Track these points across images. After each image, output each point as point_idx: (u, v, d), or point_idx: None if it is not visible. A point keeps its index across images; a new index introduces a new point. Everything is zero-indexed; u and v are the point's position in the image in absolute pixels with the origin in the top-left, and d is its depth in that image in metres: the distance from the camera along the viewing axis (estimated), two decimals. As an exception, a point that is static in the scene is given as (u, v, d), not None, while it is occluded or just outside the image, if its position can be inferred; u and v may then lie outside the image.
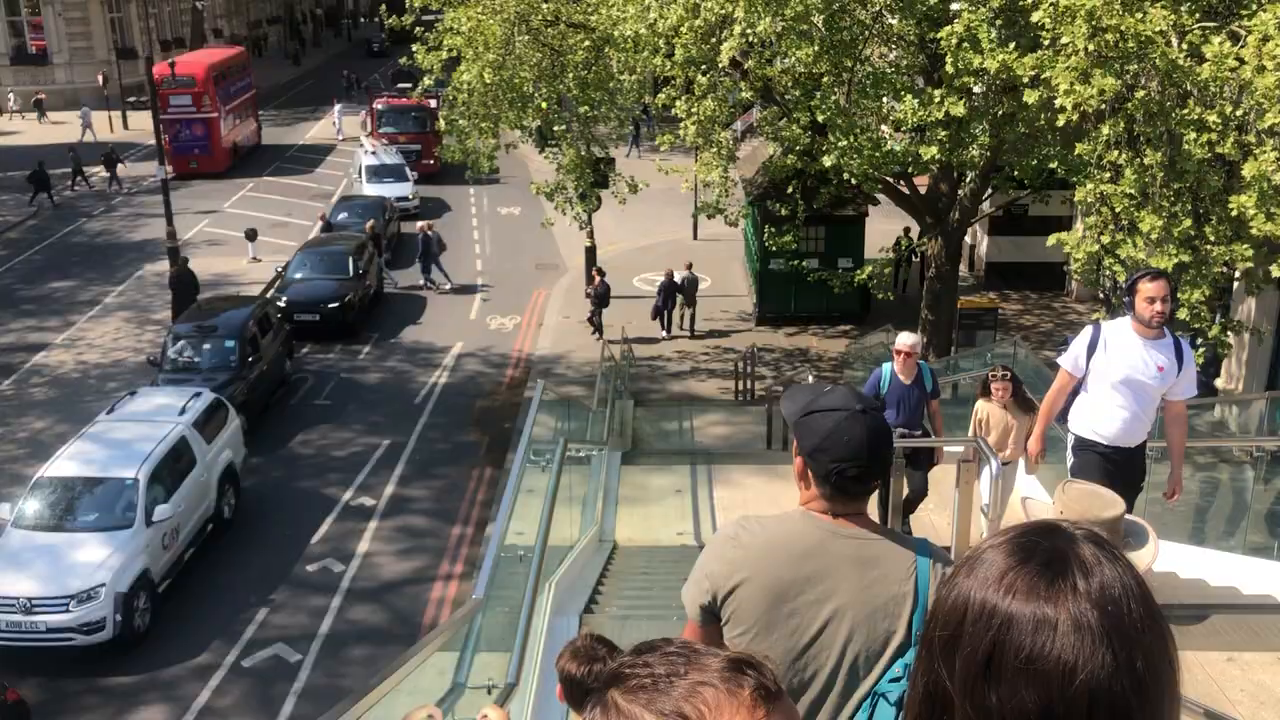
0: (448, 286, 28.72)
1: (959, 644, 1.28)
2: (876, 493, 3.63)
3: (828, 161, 15.58)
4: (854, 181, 18.91)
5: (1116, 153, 12.63)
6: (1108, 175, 12.84)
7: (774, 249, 20.22)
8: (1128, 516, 3.77)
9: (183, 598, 15.21)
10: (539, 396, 6.15)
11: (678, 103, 17.02)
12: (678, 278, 25.45)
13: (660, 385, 22.95)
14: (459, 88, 19.74)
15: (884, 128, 17.43)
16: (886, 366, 10.08)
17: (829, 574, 2.77)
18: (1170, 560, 8.95)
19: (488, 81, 19.16)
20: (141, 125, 43.49)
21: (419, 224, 29.68)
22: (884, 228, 27.65)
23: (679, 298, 25.55)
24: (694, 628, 2.92)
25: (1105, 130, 12.44)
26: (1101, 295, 28.00)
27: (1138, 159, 12.43)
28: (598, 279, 25.47)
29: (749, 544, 2.87)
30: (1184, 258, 11.88)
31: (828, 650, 2.78)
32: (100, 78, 51.43)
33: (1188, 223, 12.02)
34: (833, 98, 15.85)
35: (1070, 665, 1.20)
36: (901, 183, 19.37)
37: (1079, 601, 1.22)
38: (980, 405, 10.10)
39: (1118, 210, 12.62)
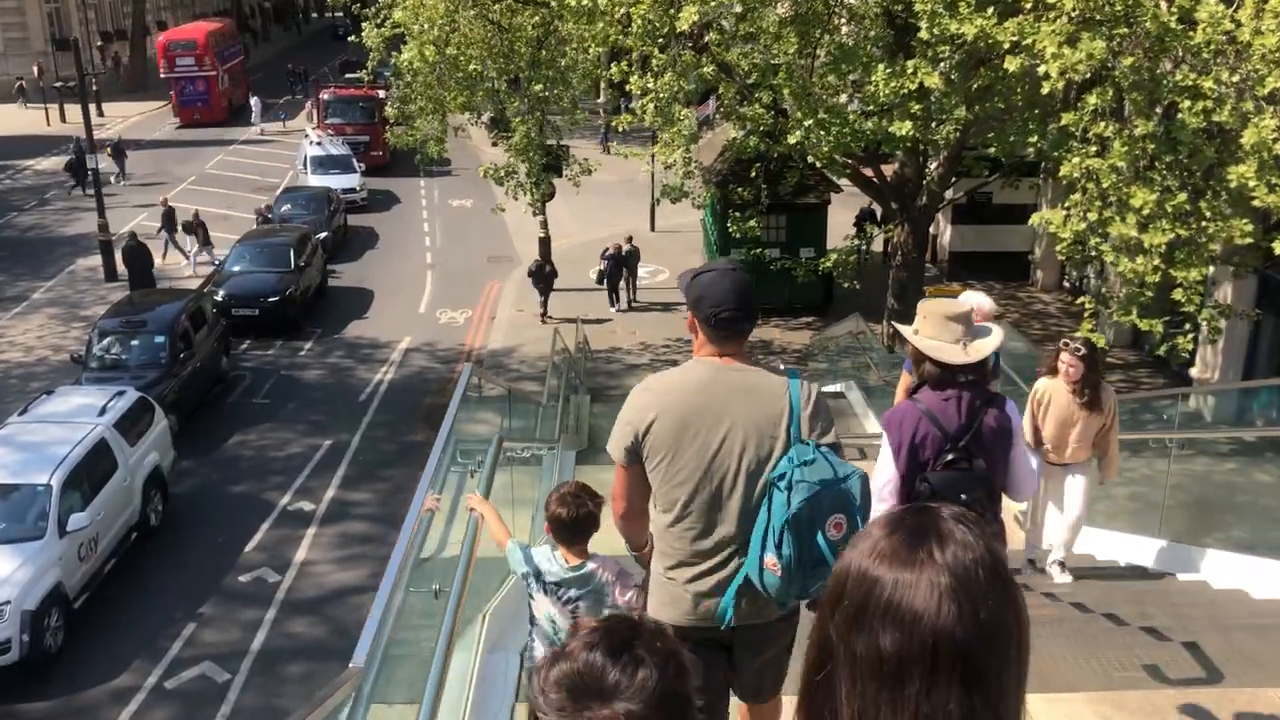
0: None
1: (841, 601, 1.53)
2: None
3: (793, 139, 14.67)
4: (819, 164, 18.07)
5: (1104, 124, 11.80)
6: (1094, 149, 12.02)
7: (737, 235, 19.30)
8: (978, 323, 4.37)
9: (102, 614, 14.02)
10: (465, 382, 4.99)
11: (633, 79, 16.04)
12: (623, 250, 25.77)
13: (619, 380, 21.95)
14: (401, 68, 18.65)
15: (851, 106, 16.51)
16: None
17: (721, 401, 3.48)
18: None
19: (430, 60, 18.07)
20: (77, 118, 41.84)
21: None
22: (846, 218, 26.84)
23: (624, 270, 25.84)
24: (621, 471, 3.64)
25: (1092, 100, 11.62)
26: (1067, 285, 27.38)
27: (1126, 130, 11.61)
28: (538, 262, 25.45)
29: (657, 389, 3.61)
30: (1181, 232, 11.06)
31: (728, 459, 3.49)
32: (36, 69, 49.63)
33: (1182, 197, 11.22)
34: (797, 73, 14.93)
35: (918, 614, 1.44)
36: (867, 169, 18.55)
37: (933, 565, 1.46)
38: (1043, 384, 7.88)
39: (1105, 186, 11.78)
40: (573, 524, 4.37)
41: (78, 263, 28.49)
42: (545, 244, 26.04)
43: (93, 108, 46.78)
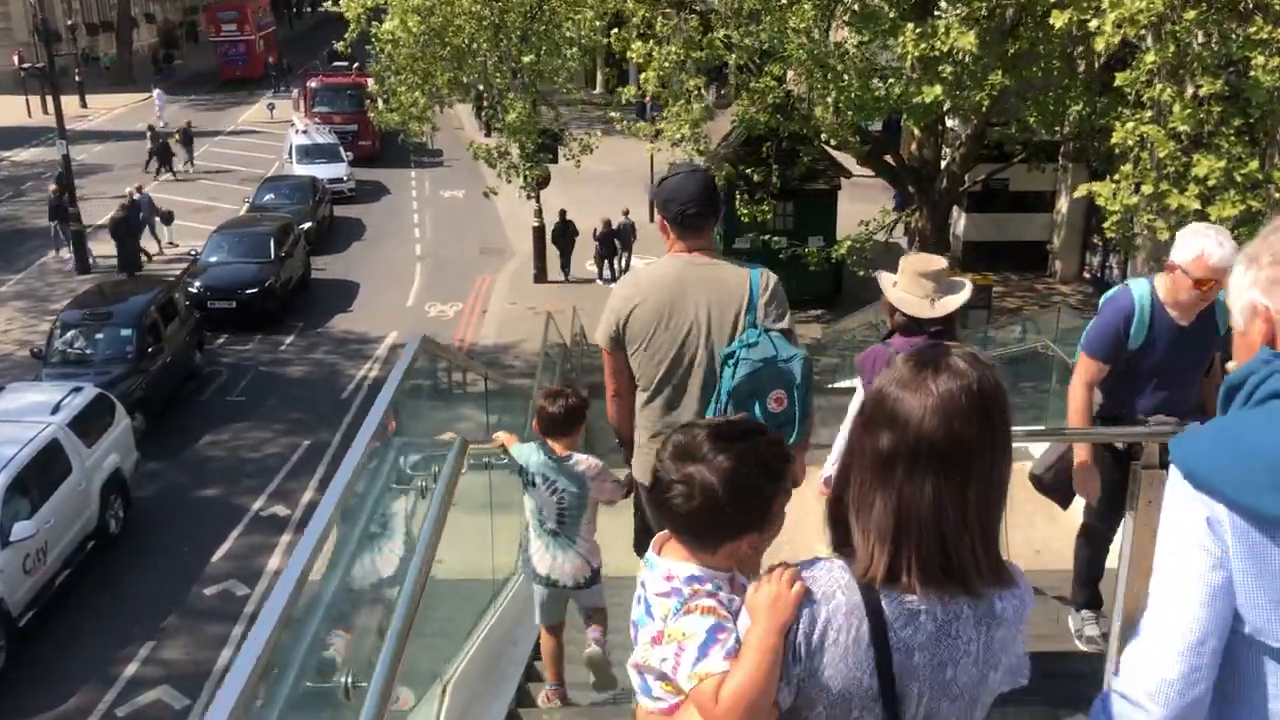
0: (154, 253, 26.77)
1: (863, 412, 1.96)
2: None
3: (819, 112, 13.44)
4: (833, 143, 16.88)
5: (1160, 87, 10.55)
6: (1148, 114, 10.78)
7: (747, 219, 18.00)
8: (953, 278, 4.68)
9: (51, 631, 12.73)
10: (410, 357, 3.63)
11: (634, 46, 14.80)
12: (615, 224, 25.53)
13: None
14: (383, 38, 17.36)
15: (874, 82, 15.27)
16: (1141, 288, 4.75)
17: (692, 291, 3.95)
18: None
19: (414, 31, 16.80)
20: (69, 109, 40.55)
21: (128, 187, 27.42)
22: (856, 207, 25.55)
23: (617, 244, 25.50)
24: (607, 356, 4.16)
25: (1149, 58, 10.36)
26: (1088, 275, 26.12)
27: (1186, 91, 10.36)
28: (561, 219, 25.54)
29: (636, 282, 4.11)
30: (1254, 203, 9.80)
31: (695, 342, 4.00)
32: (16, 58, 48.22)
33: (1254, 165, 9.97)
34: (815, 34, 13.68)
35: (906, 421, 1.85)
36: (888, 157, 17.33)
37: (926, 388, 1.86)
38: None
39: (1162, 155, 10.53)
40: (556, 419, 4.66)
41: (49, 255, 27.17)
42: (539, 233, 24.83)
43: (75, 99, 46.30)
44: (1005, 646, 1.93)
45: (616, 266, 25.54)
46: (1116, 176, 11.13)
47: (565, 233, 25.90)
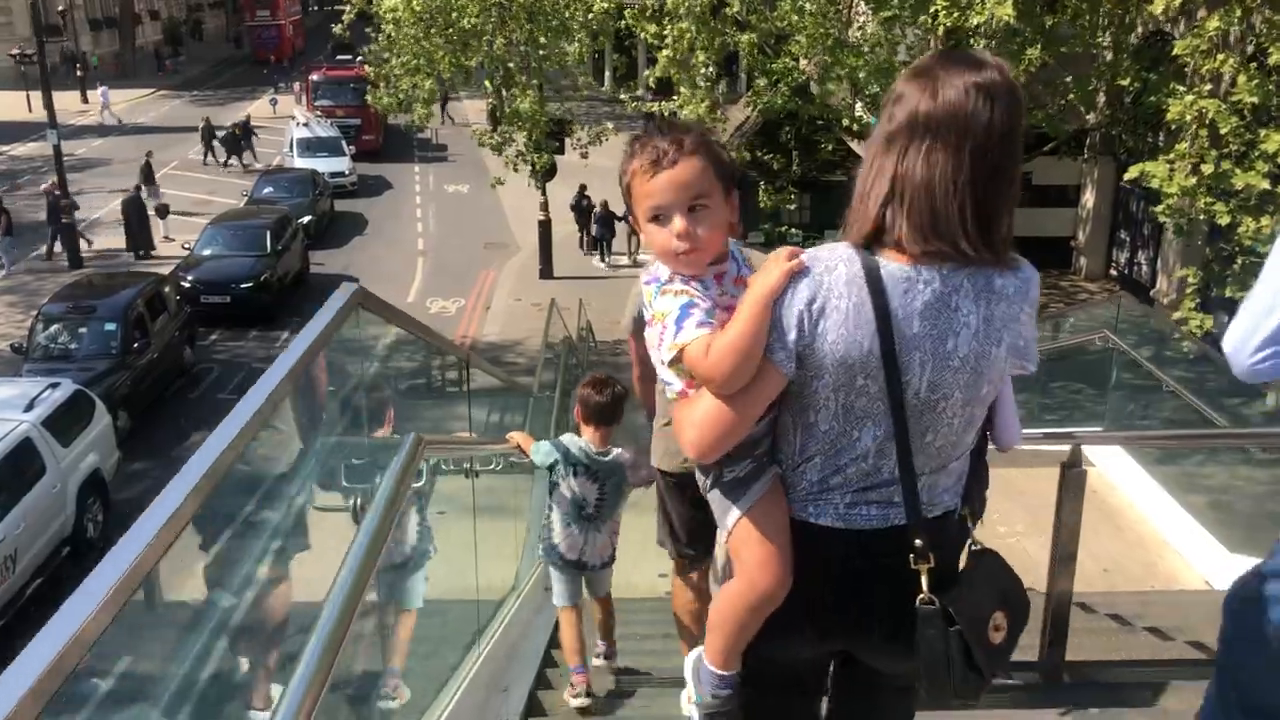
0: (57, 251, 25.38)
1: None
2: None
3: (831, 86, 12.58)
4: (855, 128, 16.02)
5: (1222, 57, 9.67)
6: (1207, 88, 9.90)
7: (770, 208, 17.10)
8: None
9: (18, 647, 11.85)
10: (339, 309, 2.69)
11: (648, 29, 13.97)
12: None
13: (627, 373, 19.83)
14: (385, 17, 16.52)
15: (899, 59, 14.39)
16: None
17: None
18: None
19: (417, 10, 15.96)
20: (63, 105, 39.87)
21: (44, 184, 26.44)
22: (874, 199, 24.69)
23: (617, 226, 25.30)
24: (631, 339, 4.13)
25: (1213, 24, 9.47)
26: (1115, 273, 25.22)
27: (1254, 63, 9.49)
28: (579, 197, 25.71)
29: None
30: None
31: None
32: (16, 51, 47.58)
33: (1329, 140, 9.08)
34: (830, 19, 12.82)
35: (906, 98, 1.99)
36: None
37: (935, 73, 1.96)
38: None
39: (1224, 131, 9.64)
40: (603, 407, 4.72)
41: (41, 249, 26.40)
42: (545, 227, 23.97)
43: (76, 94, 45.66)
44: (1007, 324, 2.01)
45: (620, 249, 25.74)
46: (1171, 156, 10.24)
47: (582, 206, 26.24)
